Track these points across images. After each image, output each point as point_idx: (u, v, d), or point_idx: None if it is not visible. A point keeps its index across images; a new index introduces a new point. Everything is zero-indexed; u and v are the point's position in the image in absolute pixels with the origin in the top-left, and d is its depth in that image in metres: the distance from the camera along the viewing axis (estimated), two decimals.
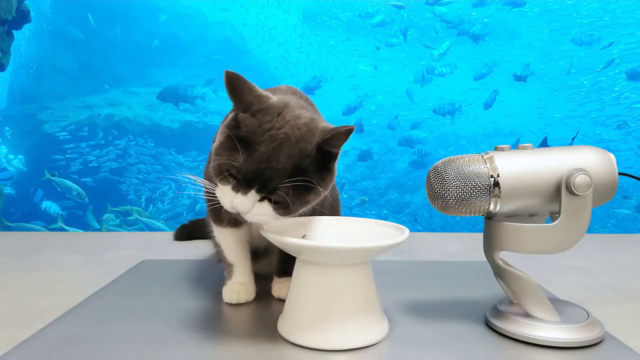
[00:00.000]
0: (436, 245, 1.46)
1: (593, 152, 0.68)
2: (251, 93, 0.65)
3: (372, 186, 1.74)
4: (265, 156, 0.61)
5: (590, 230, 0.67)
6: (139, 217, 1.69)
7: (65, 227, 1.67)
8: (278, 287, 0.84)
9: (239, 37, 1.70)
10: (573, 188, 0.65)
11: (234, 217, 0.66)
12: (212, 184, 0.67)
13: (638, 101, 1.67)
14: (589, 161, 0.67)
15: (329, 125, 0.67)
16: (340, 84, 1.71)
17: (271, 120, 0.64)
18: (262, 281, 0.86)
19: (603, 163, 0.67)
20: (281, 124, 0.64)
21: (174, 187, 1.70)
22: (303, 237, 0.74)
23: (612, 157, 0.68)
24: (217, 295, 0.84)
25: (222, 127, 0.67)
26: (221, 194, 0.65)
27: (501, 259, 0.71)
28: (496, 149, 0.71)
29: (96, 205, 1.68)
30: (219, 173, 0.64)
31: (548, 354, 0.64)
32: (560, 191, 0.66)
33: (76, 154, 1.67)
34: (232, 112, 0.67)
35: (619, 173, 0.68)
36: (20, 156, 1.68)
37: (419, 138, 1.72)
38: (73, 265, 1.19)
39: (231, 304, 0.81)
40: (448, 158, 0.70)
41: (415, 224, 1.72)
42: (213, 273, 0.99)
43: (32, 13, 1.64)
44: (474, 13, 1.68)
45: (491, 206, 0.68)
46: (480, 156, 0.69)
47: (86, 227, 1.68)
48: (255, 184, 0.62)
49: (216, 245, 0.88)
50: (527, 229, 0.68)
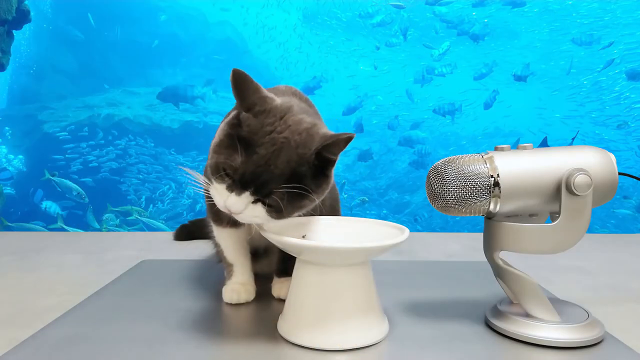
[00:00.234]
0: (436, 245, 1.46)
1: (593, 152, 0.68)
2: (256, 93, 0.65)
3: (372, 186, 1.74)
4: (263, 159, 0.61)
5: (590, 230, 0.67)
6: (139, 217, 1.69)
7: (65, 227, 1.67)
8: (278, 287, 0.84)
9: (239, 37, 1.70)
10: (573, 188, 0.65)
11: (234, 217, 0.66)
12: (208, 182, 0.66)
13: (638, 101, 1.67)
14: (589, 161, 0.67)
15: (329, 131, 0.66)
16: (340, 84, 1.71)
17: (273, 122, 0.63)
18: (262, 281, 0.86)
19: (603, 163, 0.67)
20: (283, 128, 0.63)
21: (174, 187, 1.70)
22: (303, 237, 0.74)
23: (612, 157, 0.68)
24: (217, 295, 0.84)
25: (223, 125, 0.67)
26: (215, 193, 0.65)
27: (501, 259, 0.71)
28: (496, 149, 0.71)
29: (96, 205, 1.68)
30: (216, 171, 0.63)
31: (548, 354, 0.64)
32: (560, 191, 0.66)
33: (76, 154, 1.67)
34: (235, 111, 0.67)
35: (619, 173, 0.68)
36: (20, 156, 1.68)
37: (419, 138, 1.72)
38: (73, 265, 1.19)
39: (231, 304, 0.81)
40: (448, 158, 0.70)
41: (415, 224, 1.72)
42: (213, 273, 0.99)
43: (32, 13, 1.64)
44: (474, 13, 1.68)
45: (491, 206, 0.68)
46: (480, 156, 0.69)
47: (86, 227, 1.68)
48: (250, 186, 0.62)
49: (216, 245, 0.88)
50: (527, 229, 0.68)
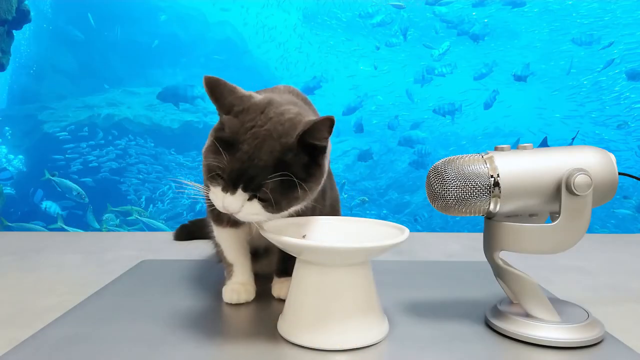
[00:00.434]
0: (436, 245, 1.46)
1: (593, 152, 0.68)
2: (232, 94, 0.65)
3: (372, 186, 1.74)
4: (246, 155, 0.62)
5: (590, 230, 0.67)
6: (139, 217, 1.69)
7: (65, 227, 1.67)
8: (278, 287, 0.84)
9: (239, 37, 1.70)
10: (573, 188, 0.65)
11: (235, 218, 0.66)
12: (207, 188, 0.67)
13: (638, 101, 1.67)
14: (589, 161, 0.67)
15: (314, 118, 0.65)
16: (340, 84, 1.71)
17: (254, 118, 0.64)
18: (262, 281, 0.86)
19: (603, 163, 0.67)
20: (264, 121, 0.64)
21: (174, 187, 1.70)
22: (303, 237, 0.74)
23: (612, 157, 0.68)
24: (217, 295, 0.84)
25: (211, 131, 0.67)
26: (214, 197, 0.66)
27: (501, 259, 0.71)
28: (496, 149, 0.71)
29: (96, 205, 1.68)
30: (208, 174, 0.65)
31: (548, 354, 0.64)
32: (560, 191, 0.66)
33: (76, 154, 1.67)
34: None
35: (619, 173, 0.68)
36: (20, 156, 1.68)
37: (419, 138, 1.72)
38: (73, 265, 1.19)
39: (231, 304, 0.81)
40: (448, 158, 0.70)
41: (415, 224, 1.72)
42: (213, 273, 0.99)
43: (32, 13, 1.64)
44: (474, 13, 1.68)
45: (491, 206, 0.68)
46: (480, 156, 0.69)
47: (86, 227, 1.68)
48: (240, 183, 0.62)
49: (216, 245, 0.88)
50: (527, 229, 0.68)
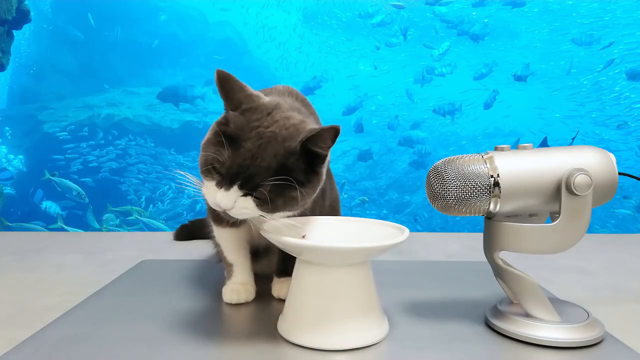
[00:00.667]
0: (436, 245, 1.46)
1: (593, 152, 0.68)
2: (242, 92, 0.66)
3: (372, 186, 1.74)
4: (250, 153, 0.61)
5: (590, 230, 0.67)
6: (139, 217, 1.69)
7: (65, 227, 1.67)
8: (278, 287, 0.84)
9: (239, 37, 1.70)
10: (573, 188, 0.65)
11: (224, 215, 0.66)
12: (200, 181, 0.67)
13: (638, 101, 1.67)
14: (589, 161, 0.67)
15: (319, 126, 0.66)
16: (340, 84, 1.71)
17: (260, 119, 0.64)
18: (262, 281, 0.86)
19: (603, 163, 0.67)
20: (270, 123, 0.64)
21: (174, 187, 1.70)
22: (303, 237, 0.74)
23: (612, 157, 0.68)
24: (217, 295, 0.84)
25: (213, 125, 0.68)
26: (206, 191, 0.65)
27: (501, 259, 0.71)
28: (496, 149, 0.71)
29: (96, 205, 1.68)
30: (204, 165, 0.64)
31: (548, 354, 0.64)
32: (560, 191, 0.66)
33: (76, 154, 1.67)
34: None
35: (619, 173, 0.68)
36: (20, 156, 1.68)
37: (419, 138, 1.72)
38: (73, 265, 1.19)
39: (231, 304, 0.81)
40: (448, 158, 0.70)
41: (415, 224, 1.72)
42: (213, 273, 0.99)
43: (32, 13, 1.64)
44: (474, 13, 1.68)
45: (491, 206, 0.68)
46: (480, 156, 0.69)
47: (86, 227, 1.68)
48: (237, 180, 0.62)
49: (216, 245, 0.88)
50: (527, 229, 0.68)
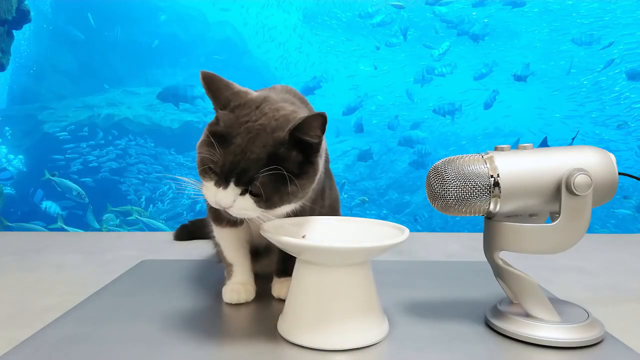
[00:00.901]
0: (436, 245, 1.46)
1: (593, 152, 0.68)
2: (228, 90, 0.66)
3: (372, 186, 1.74)
4: (240, 148, 0.62)
5: (590, 230, 0.67)
6: (139, 217, 1.69)
7: (65, 227, 1.67)
8: (278, 287, 0.84)
9: (239, 37, 1.70)
10: (573, 188, 0.65)
11: (227, 214, 0.66)
12: (199, 183, 0.67)
13: (638, 101, 1.67)
14: (589, 161, 0.67)
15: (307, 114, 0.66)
16: (340, 84, 1.71)
17: (249, 114, 0.64)
18: (262, 281, 0.86)
19: (603, 163, 0.67)
20: (258, 116, 0.64)
21: (174, 187, 1.70)
22: (303, 237, 0.74)
23: (612, 157, 0.68)
24: (217, 295, 0.84)
25: (207, 126, 0.68)
26: (206, 191, 0.66)
27: (501, 259, 0.71)
28: (496, 149, 0.71)
29: (96, 205, 1.68)
30: (200, 166, 0.65)
31: (548, 354, 0.64)
32: (560, 191, 0.66)
33: (76, 154, 1.67)
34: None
35: (619, 173, 0.68)
36: (20, 156, 1.68)
37: (419, 138, 1.72)
38: (73, 265, 1.19)
39: (231, 304, 0.81)
40: (448, 158, 0.70)
41: (415, 224, 1.72)
42: (213, 273, 0.99)
43: (32, 13, 1.64)
44: (474, 13, 1.68)
45: (491, 206, 0.68)
46: (480, 156, 0.69)
47: (86, 227, 1.68)
48: (232, 176, 0.62)
49: (216, 245, 0.88)
50: (527, 229, 0.68)
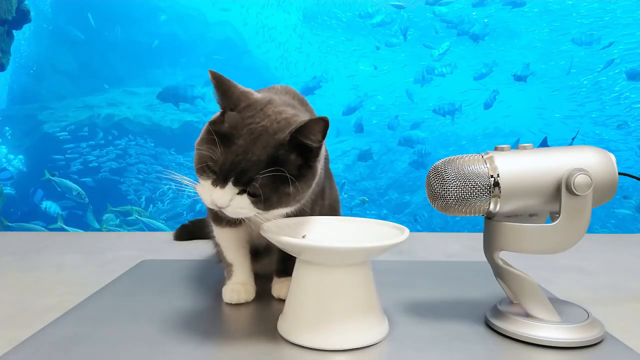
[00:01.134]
0: (436, 245, 1.46)
1: (593, 152, 0.68)
2: (237, 90, 0.66)
3: (372, 186, 1.74)
4: (241, 148, 0.62)
5: (590, 230, 0.67)
6: (139, 217, 1.69)
7: (65, 227, 1.67)
8: (278, 287, 0.84)
9: (239, 37, 1.70)
10: (573, 188, 0.65)
11: (223, 214, 0.66)
12: (194, 182, 0.67)
13: (638, 101, 1.67)
14: (589, 161, 0.67)
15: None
16: (340, 84, 1.71)
17: (253, 115, 0.64)
18: (262, 281, 0.86)
19: (603, 163, 0.67)
20: (261, 118, 0.64)
21: (174, 187, 1.70)
22: (303, 237, 0.74)
23: (612, 157, 0.68)
24: (217, 295, 0.84)
25: (206, 123, 0.68)
26: (201, 190, 0.66)
27: (501, 259, 0.71)
28: (496, 149, 0.71)
29: (96, 205, 1.68)
30: (198, 164, 0.65)
31: (548, 354, 0.64)
32: (560, 191, 0.66)
33: (76, 154, 1.67)
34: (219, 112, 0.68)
35: (619, 173, 0.68)
36: (20, 156, 1.68)
37: (419, 138, 1.72)
38: (73, 265, 1.19)
39: (231, 304, 0.81)
40: (448, 158, 0.70)
41: (415, 224, 1.72)
42: (213, 273, 0.99)
43: (32, 13, 1.64)
44: (474, 13, 1.68)
45: (491, 206, 0.68)
46: (480, 156, 0.69)
47: (86, 227, 1.68)
48: (231, 176, 0.62)
49: (216, 245, 0.88)
50: (527, 229, 0.68)
